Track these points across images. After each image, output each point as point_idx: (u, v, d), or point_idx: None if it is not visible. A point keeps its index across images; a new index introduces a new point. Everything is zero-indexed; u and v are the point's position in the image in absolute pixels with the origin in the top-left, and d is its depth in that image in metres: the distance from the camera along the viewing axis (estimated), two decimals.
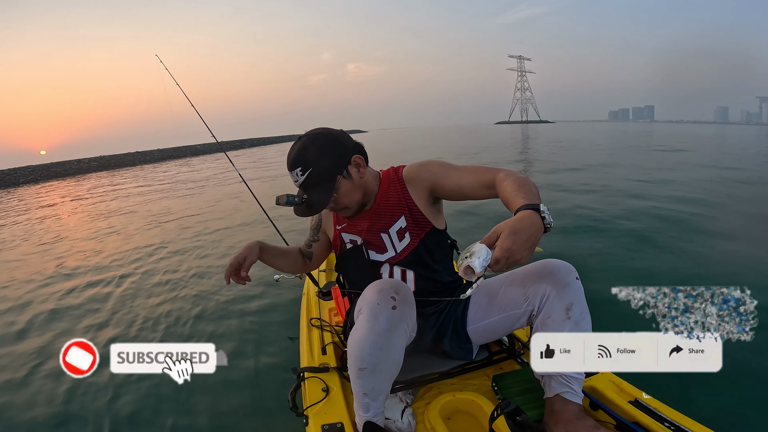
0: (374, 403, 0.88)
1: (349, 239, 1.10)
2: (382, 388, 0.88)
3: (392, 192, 1.06)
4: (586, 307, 0.90)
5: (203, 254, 3.75)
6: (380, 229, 1.06)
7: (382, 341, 0.83)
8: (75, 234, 5.30)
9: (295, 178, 0.98)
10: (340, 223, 1.11)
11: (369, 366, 0.84)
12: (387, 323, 0.82)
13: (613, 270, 2.63)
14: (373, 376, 0.85)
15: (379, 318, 0.82)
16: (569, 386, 0.87)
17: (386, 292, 0.85)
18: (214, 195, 7.69)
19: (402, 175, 1.07)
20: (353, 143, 1.03)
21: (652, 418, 0.83)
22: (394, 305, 0.83)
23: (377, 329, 0.82)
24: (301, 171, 0.96)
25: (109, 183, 12.76)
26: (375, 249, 1.07)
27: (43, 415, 1.68)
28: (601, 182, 6.05)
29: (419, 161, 1.07)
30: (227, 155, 2.23)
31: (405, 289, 0.88)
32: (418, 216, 1.04)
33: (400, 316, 0.84)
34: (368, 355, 0.83)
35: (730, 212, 4.17)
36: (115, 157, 22.84)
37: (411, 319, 0.88)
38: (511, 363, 1.14)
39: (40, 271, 3.70)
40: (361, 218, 1.08)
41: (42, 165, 19.09)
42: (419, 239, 1.05)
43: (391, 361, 0.85)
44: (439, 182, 1.01)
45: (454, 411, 1.01)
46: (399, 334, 0.84)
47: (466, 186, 0.96)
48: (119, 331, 2.35)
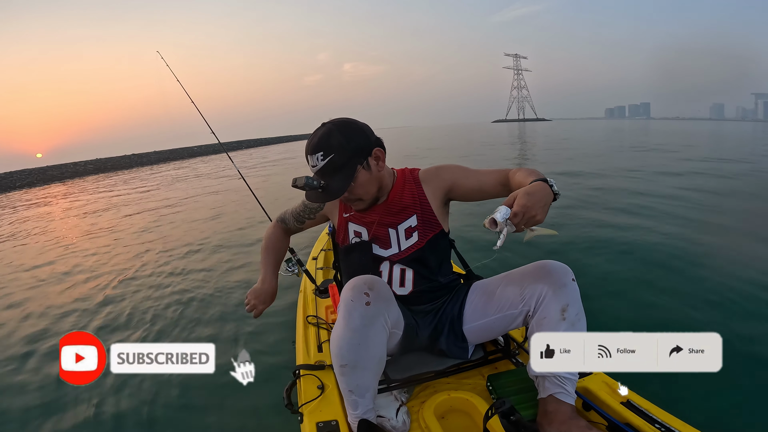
0: (362, 400, 0.89)
1: (354, 230, 1.10)
2: (368, 384, 0.89)
3: (407, 190, 1.09)
4: (581, 308, 0.91)
5: (201, 254, 3.74)
6: (389, 225, 1.07)
7: (359, 337, 0.84)
8: (70, 236, 5.29)
9: (313, 163, 0.98)
10: (348, 212, 1.11)
11: (349, 363, 0.85)
12: (361, 319, 0.84)
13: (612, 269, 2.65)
14: (355, 372, 0.86)
15: (353, 314, 0.84)
16: (563, 387, 0.88)
17: (359, 289, 0.86)
18: (214, 195, 7.67)
19: (418, 176, 1.11)
20: (375, 137, 1.04)
21: (642, 419, 0.83)
22: (368, 301, 0.84)
23: (352, 326, 0.84)
24: (322, 156, 0.96)
25: (108, 185, 12.72)
26: (379, 244, 1.07)
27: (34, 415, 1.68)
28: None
29: (435, 165, 1.12)
30: (229, 155, 2.24)
31: (379, 285, 0.88)
32: (429, 216, 1.07)
33: (375, 311, 0.85)
34: (347, 351, 0.85)
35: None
36: (111, 160, 22.76)
37: (389, 314, 0.89)
38: (506, 363, 1.15)
39: (37, 275, 3.69)
40: (372, 211, 1.08)
41: (38, 168, 19.00)
42: (426, 239, 1.07)
43: (372, 356, 0.86)
44: (459, 182, 1.06)
45: (448, 410, 1.01)
46: (376, 329, 0.85)
47: (486, 184, 1.02)
48: (118, 333, 2.35)
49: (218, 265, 3.36)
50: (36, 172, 18.43)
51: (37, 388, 1.87)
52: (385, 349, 0.90)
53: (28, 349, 2.26)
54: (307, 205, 1.19)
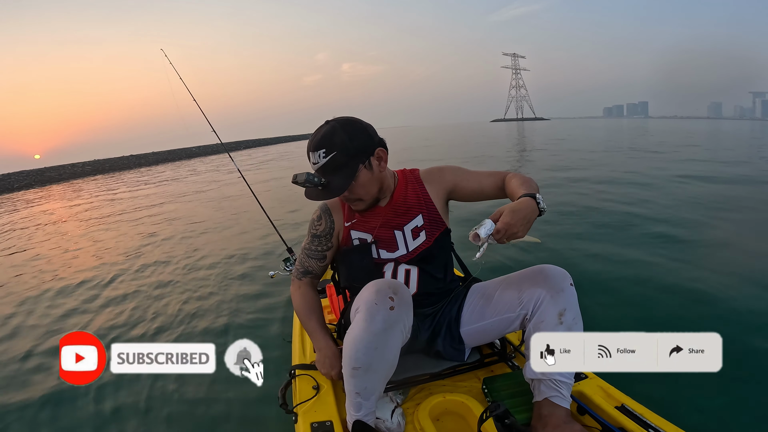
0: (366, 403, 0.88)
1: (357, 237, 1.08)
2: (375, 388, 0.88)
3: (410, 190, 1.09)
4: (578, 313, 0.91)
5: (198, 252, 3.74)
6: (395, 226, 1.06)
7: (378, 341, 0.83)
8: (71, 235, 5.28)
9: (315, 160, 0.97)
10: (350, 220, 1.09)
11: (363, 365, 0.84)
12: (383, 323, 0.82)
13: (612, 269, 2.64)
14: (367, 375, 0.85)
15: (376, 318, 0.82)
16: (558, 390, 0.87)
17: (384, 292, 0.84)
18: (213, 194, 7.66)
19: (419, 176, 1.11)
20: (378, 137, 1.04)
21: (637, 424, 0.83)
22: (392, 305, 0.83)
23: (373, 329, 0.82)
24: (324, 153, 0.95)
25: (106, 186, 12.68)
26: (385, 247, 1.06)
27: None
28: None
29: (436, 165, 1.13)
30: (230, 156, 2.25)
31: (403, 290, 0.87)
32: (434, 215, 1.08)
33: (397, 316, 0.84)
34: (363, 354, 0.83)
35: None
36: (109, 161, 22.70)
37: (408, 320, 0.88)
38: (501, 366, 1.15)
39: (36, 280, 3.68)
40: (375, 215, 1.07)
41: (36, 170, 18.94)
42: (434, 238, 1.07)
43: (386, 361, 0.86)
44: (461, 183, 1.09)
45: (443, 412, 1.01)
46: (395, 334, 0.84)
47: (486, 187, 1.06)
48: (117, 331, 2.36)
49: (218, 265, 3.35)
50: (33, 173, 18.38)
51: (37, 388, 1.87)
52: (398, 355, 0.89)
53: (29, 346, 2.27)
54: (317, 236, 1.11)
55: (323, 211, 1.11)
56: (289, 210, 5.29)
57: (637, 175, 6.38)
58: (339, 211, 1.10)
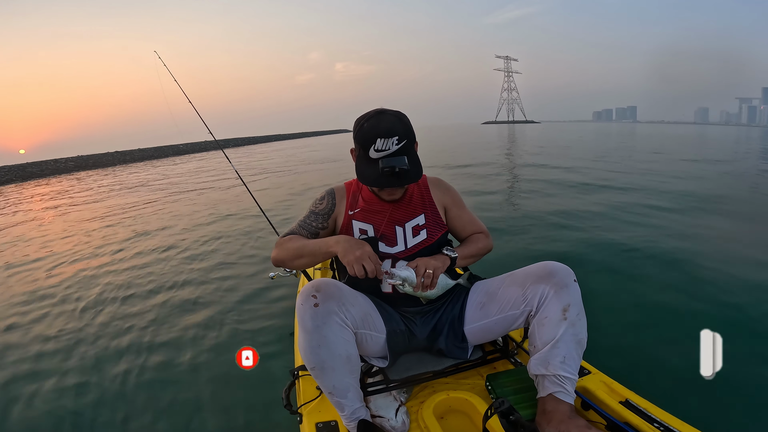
0: (344, 401, 0.90)
1: (359, 228, 1.08)
2: (345, 384, 0.89)
3: (416, 190, 1.12)
4: (582, 309, 0.92)
5: (197, 254, 3.69)
6: (397, 222, 1.07)
7: (316, 339, 0.86)
8: (57, 232, 5.16)
9: (386, 146, 0.95)
10: (353, 209, 1.10)
11: (316, 365, 0.87)
12: (312, 321, 0.85)
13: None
14: (325, 374, 0.88)
15: (304, 318, 0.86)
16: (562, 386, 0.88)
17: (307, 293, 0.87)
18: (210, 192, 7.56)
19: (425, 180, 1.14)
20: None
21: (641, 419, 0.84)
22: (316, 302, 0.86)
23: (306, 328, 0.86)
24: (397, 140, 0.96)
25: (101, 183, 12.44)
26: (386, 241, 1.07)
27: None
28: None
29: (444, 179, 1.18)
30: (224, 152, 2.25)
31: (326, 285, 0.89)
32: (436, 216, 1.10)
33: (325, 311, 0.86)
34: (309, 354, 0.87)
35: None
36: (93, 157, 22.21)
37: (343, 312, 0.89)
38: (504, 363, 1.15)
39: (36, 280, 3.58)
40: (379, 208, 1.08)
41: (18, 165, 18.48)
42: (435, 238, 1.08)
43: (337, 356, 0.87)
44: (452, 211, 1.14)
45: (447, 410, 1.01)
46: (332, 328, 0.87)
47: (464, 230, 1.16)
48: (118, 337, 2.28)
49: (218, 268, 3.30)
50: (16, 168, 17.93)
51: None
52: (354, 348, 0.91)
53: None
54: (315, 212, 1.12)
55: (328, 193, 1.13)
56: (288, 209, 5.27)
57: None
58: (343, 197, 1.12)
